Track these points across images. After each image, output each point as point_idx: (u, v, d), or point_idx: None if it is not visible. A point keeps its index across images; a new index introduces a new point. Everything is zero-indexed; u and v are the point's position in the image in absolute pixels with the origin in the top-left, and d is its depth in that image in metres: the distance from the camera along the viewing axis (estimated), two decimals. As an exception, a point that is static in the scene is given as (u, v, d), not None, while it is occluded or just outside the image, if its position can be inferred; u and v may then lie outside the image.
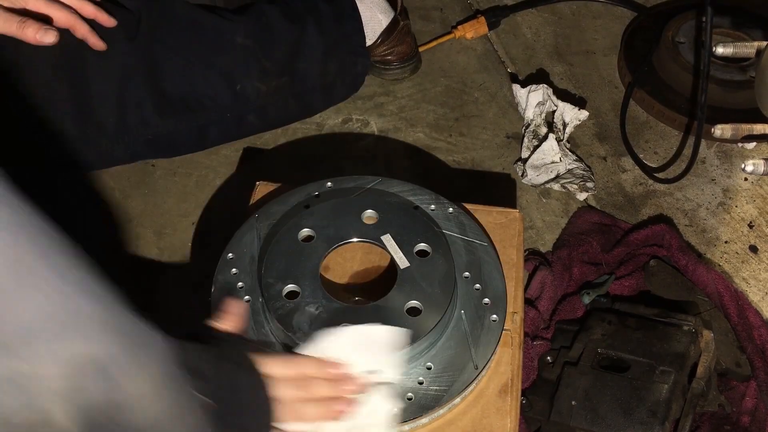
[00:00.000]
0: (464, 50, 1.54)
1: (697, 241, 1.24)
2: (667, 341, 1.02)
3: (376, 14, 1.39)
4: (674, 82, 1.41)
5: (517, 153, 1.36)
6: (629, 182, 1.32)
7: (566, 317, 1.12)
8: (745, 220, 1.26)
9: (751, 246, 1.23)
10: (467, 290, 0.89)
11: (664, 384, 0.97)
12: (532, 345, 1.07)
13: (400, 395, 0.80)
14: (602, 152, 1.37)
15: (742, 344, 1.09)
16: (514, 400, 0.84)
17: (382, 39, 1.40)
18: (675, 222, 1.26)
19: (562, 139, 1.34)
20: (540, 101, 1.36)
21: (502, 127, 1.41)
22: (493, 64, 1.52)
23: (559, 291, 1.14)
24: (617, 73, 1.50)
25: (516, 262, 0.97)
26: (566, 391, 1.00)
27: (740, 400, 1.04)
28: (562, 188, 1.29)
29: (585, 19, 1.61)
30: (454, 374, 0.82)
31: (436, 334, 0.84)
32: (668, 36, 1.44)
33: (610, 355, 1.03)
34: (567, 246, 1.20)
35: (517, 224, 1.00)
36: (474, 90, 1.47)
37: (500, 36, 1.57)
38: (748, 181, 1.31)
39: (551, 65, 1.52)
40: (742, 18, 1.46)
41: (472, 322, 0.86)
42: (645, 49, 1.47)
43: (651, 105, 1.41)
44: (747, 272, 1.20)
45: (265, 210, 0.97)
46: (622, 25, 1.58)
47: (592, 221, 1.25)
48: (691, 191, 1.30)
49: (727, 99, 1.36)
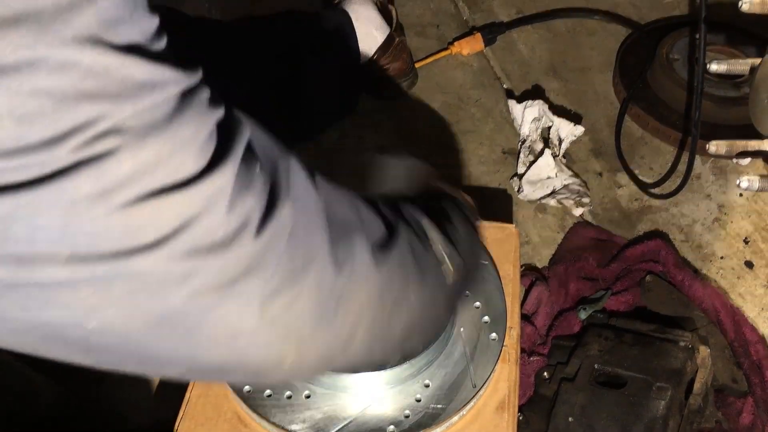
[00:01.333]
0: (460, 66, 1.55)
1: (693, 257, 1.24)
2: (664, 357, 1.02)
3: (371, 31, 1.39)
4: (669, 99, 1.42)
5: (513, 168, 1.36)
6: (625, 198, 1.33)
7: (563, 333, 1.12)
8: (740, 235, 1.27)
9: (747, 262, 1.23)
10: (467, 308, 0.89)
11: (660, 400, 0.97)
12: (529, 361, 1.07)
13: (398, 412, 0.80)
14: (598, 168, 1.37)
15: (738, 360, 1.09)
16: (511, 416, 0.84)
17: (378, 55, 1.41)
18: (671, 237, 1.27)
19: (557, 155, 1.34)
20: (536, 117, 1.37)
21: (498, 143, 1.41)
22: (489, 80, 1.53)
23: (555, 307, 1.14)
24: (612, 90, 1.51)
25: (513, 278, 0.96)
26: (563, 407, 0.99)
27: (737, 417, 1.04)
28: (558, 203, 1.29)
29: (580, 36, 1.62)
30: (452, 392, 0.82)
31: (435, 351, 0.83)
32: (663, 53, 1.45)
33: (606, 371, 1.03)
34: (563, 261, 1.20)
35: (513, 239, 1.00)
36: (470, 106, 1.48)
37: (496, 52, 1.58)
38: (744, 197, 1.31)
39: (547, 81, 1.52)
40: (736, 35, 1.47)
41: (471, 340, 0.86)
42: (640, 65, 1.48)
43: (646, 121, 1.42)
44: (743, 288, 1.20)
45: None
46: (617, 42, 1.59)
47: (588, 237, 1.25)
48: (686, 207, 1.31)
49: (722, 115, 1.36)
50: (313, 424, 0.79)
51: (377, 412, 0.80)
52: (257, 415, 0.80)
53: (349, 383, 0.80)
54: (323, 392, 0.81)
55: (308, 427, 0.79)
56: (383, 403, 0.81)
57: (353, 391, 0.81)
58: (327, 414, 0.80)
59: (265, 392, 0.81)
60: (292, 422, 0.79)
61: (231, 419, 0.83)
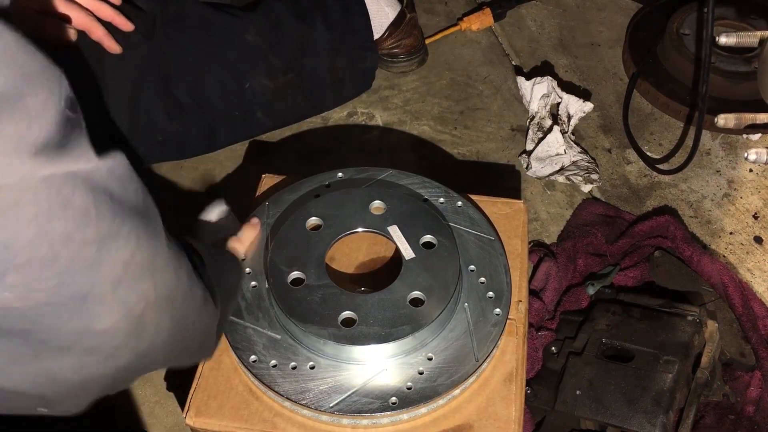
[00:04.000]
0: (469, 43, 1.55)
1: (702, 233, 1.24)
2: (672, 331, 1.02)
3: (383, 7, 1.39)
4: (678, 74, 1.41)
5: (522, 145, 1.36)
6: (634, 174, 1.33)
7: (571, 308, 1.12)
8: (749, 211, 1.26)
9: (756, 237, 1.23)
10: (472, 283, 0.90)
11: (668, 373, 0.97)
12: (537, 335, 1.08)
13: (401, 384, 0.81)
14: (607, 144, 1.37)
15: (746, 334, 1.09)
16: (519, 388, 0.85)
17: (390, 32, 1.41)
18: (680, 213, 1.26)
19: (566, 131, 1.34)
20: (545, 93, 1.36)
21: (506, 120, 1.41)
22: (497, 57, 1.52)
23: (563, 282, 1.15)
24: (622, 65, 1.50)
25: (520, 253, 0.97)
26: (571, 380, 1.00)
27: (745, 390, 1.05)
28: (567, 180, 1.29)
29: (590, 12, 1.61)
30: (455, 366, 0.83)
31: (439, 325, 0.84)
32: (673, 28, 1.44)
33: (614, 345, 1.03)
34: (572, 237, 1.20)
35: (521, 215, 1.01)
36: (479, 83, 1.48)
37: (505, 29, 1.57)
38: (753, 172, 1.31)
39: (556, 57, 1.52)
40: (747, 8, 1.46)
41: (475, 314, 0.87)
42: (649, 41, 1.47)
43: (655, 97, 1.41)
44: (752, 263, 1.20)
45: (276, 198, 0.98)
46: (627, 18, 1.58)
47: (597, 213, 1.25)
48: (695, 182, 1.30)
49: (733, 90, 1.36)
50: (317, 394, 0.80)
51: (380, 383, 0.81)
52: (264, 386, 0.81)
53: (353, 355, 0.82)
54: (327, 363, 0.82)
55: (313, 397, 0.80)
56: (386, 374, 0.82)
57: (357, 363, 0.82)
58: (331, 385, 0.81)
59: (271, 362, 0.82)
60: (297, 392, 0.80)
61: (242, 392, 0.84)
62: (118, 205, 0.51)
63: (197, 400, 0.84)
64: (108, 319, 0.53)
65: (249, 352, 0.83)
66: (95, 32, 1.09)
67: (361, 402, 0.80)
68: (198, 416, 0.83)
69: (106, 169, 0.50)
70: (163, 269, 0.58)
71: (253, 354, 0.83)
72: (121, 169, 0.52)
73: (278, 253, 0.89)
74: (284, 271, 0.87)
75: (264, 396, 0.83)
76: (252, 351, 0.83)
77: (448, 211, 0.96)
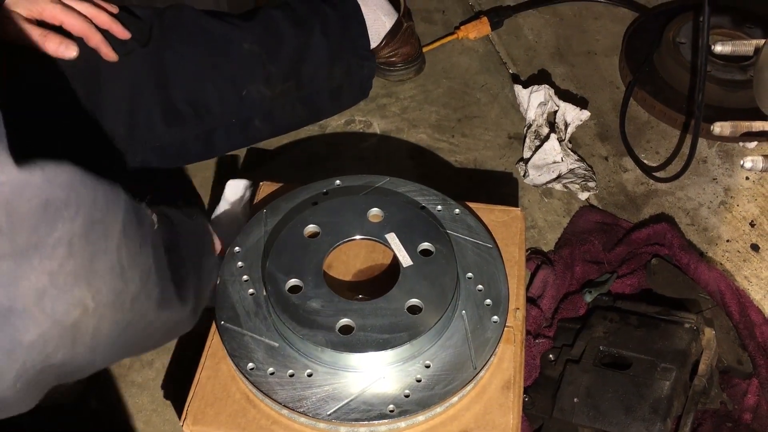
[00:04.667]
0: (466, 51, 1.55)
1: (699, 240, 1.24)
2: (669, 339, 1.02)
3: (379, 16, 1.39)
4: (675, 82, 1.42)
5: (519, 153, 1.36)
6: (631, 182, 1.33)
7: (568, 315, 1.13)
8: (746, 218, 1.27)
9: (753, 245, 1.23)
10: (469, 291, 0.90)
11: (665, 381, 0.98)
12: (535, 343, 1.08)
13: (398, 392, 0.81)
14: (604, 152, 1.37)
15: (743, 342, 1.09)
16: (516, 396, 0.85)
17: (387, 41, 1.41)
18: (677, 221, 1.27)
19: (563, 139, 1.34)
20: (542, 102, 1.37)
21: (504, 128, 1.42)
22: (494, 65, 1.53)
23: (561, 289, 1.15)
24: (618, 74, 1.51)
25: (518, 260, 0.97)
26: (568, 388, 1.00)
27: (742, 398, 1.05)
28: (564, 188, 1.30)
29: (586, 20, 1.62)
30: (453, 373, 0.83)
31: (436, 332, 0.84)
32: (669, 36, 1.45)
33: (611, 353, 1.03)
34: (569, 245, 1.20)
35: (519, 222, 1.01)
36: (476, 91, 1.48)
37: (502, 37, 1.58)
38: (750, 180, 1.31)
39: (553, 66, 1.52)
40: (743, 17, 1.46)
41: (472, 322, 0.87)
42: (646, 49, 1.48)
43: (652, 105, 1.42)
44: (748, 271, 1.20)
45: (273, 206, 0.98)
46: (623, 26, 1.58)
47: (594, 220, 1.25)
48: (692, 190, 1.31)
49: (728, 98, 1.36)
50: (315, 401, 0.80)
51: (378, 391, 0.81)
52: (261, 394, 0.81)
53: (351, 362, 0.82)
54: (325, 371, 0.82)
55: (311, 405, 0.80)
56: (384, 382, 0.82)
57: (354, 371, 0.82)
58: (328, 392, 0.81)
59: (268, 370, 0.82)
60: (295, 400, 0.80)
61: (239, 400, 0.84)
62: (48, 213, 0.49)
63: (194, 408, 0.84)
64: (34, 331, 0.51)
65: (246, 359, 0.83)
66: (92, 39, 1.10)
67: (358, 410, 0.80)
68: (195, 424, 0.83)
69: (33, 180, 0.48)
70: (106, 275, 0.56)
71: (250, 362, 0.83)
72: (64, 176, 0.50)
73: (276, 260, 0.89)
74: (282, 279, 0.87)
75: (261, 404, 0.83)
76: (249, 359, 0.83)
77: (446, 218, 0.96)
